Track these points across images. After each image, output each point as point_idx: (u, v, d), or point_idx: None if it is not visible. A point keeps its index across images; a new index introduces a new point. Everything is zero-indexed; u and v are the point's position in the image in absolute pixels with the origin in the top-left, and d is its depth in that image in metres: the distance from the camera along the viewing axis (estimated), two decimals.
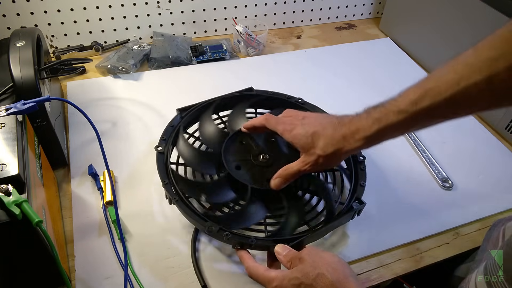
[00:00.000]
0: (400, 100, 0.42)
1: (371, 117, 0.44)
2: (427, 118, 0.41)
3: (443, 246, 0.57)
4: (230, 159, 0.56)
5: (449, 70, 0.38)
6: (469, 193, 0.64)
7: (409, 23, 0.97)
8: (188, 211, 0.50)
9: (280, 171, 0.51)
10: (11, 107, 0.44)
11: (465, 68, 0.37)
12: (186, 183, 0.55)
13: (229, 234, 0.47)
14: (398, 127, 0.43)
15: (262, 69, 0.87)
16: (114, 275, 0.50)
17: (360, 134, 0.45)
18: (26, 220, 0.36)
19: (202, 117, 0.63)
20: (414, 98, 0.40)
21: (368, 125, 0.44)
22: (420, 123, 0.42)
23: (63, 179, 0.61)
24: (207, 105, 0.64)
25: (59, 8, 0.80)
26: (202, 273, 0.51)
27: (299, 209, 0.54)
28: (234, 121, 0.63)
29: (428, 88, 0.39)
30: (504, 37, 0.35)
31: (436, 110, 0.39)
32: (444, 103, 0.38)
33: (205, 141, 0.61)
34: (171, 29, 0.92)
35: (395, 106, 0.42)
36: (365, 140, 0.45)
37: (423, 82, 0.41)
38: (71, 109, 0.72)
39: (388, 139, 0.45)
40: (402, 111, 0.41)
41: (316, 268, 0.41)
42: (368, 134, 0.44)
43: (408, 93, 0.42)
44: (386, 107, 0.43)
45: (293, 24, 1.05)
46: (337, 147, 0.47)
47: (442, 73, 0.39)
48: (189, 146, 0.59)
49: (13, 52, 0.55)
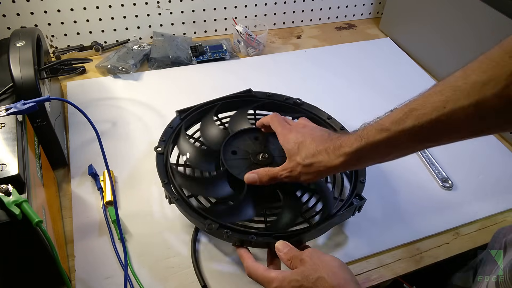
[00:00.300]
0: (384, 119, 0.41)
1: (356, 134, 0.43)
2: (409, 140, 0.39)
3: (443, 246, 0.57)
4: (229, 157, 0.56)
5: (436, 91, 0.37)
6: (469, 193, 0.64)
7: (409, 23, 0.97)
8: (188, 209, 0.50)
9: (260, 169, 0.52)
10: (11, 107, 0.44)
11: (452, 90, 0.35)
12: (184, 178, 0.55)
13: (229, 231, 0.47)
14: (379, 146, 0.41)
15: (262, 69, 0.87)
16: (114, 275, 0.50)
17: (342, 150, 0.44)
18: (26, 220, 0.36)
19: (205, 119, 0.63)
20: (398, 117, 0.39)
21: (350, 142, 0.43)
22: (403, 145, 0.41)
23: (63, 179, 0.61)
24: (208, 108, 0.65)
25: (59, 8, 0.80)
26: (202, 273, 0.51)
27: (295, 204, 0.54)
28: (235, 124, 0.63)
29: (413, 108, 0.38)
30: (494, 60, 0.33)
31: (420, 132, 0.38)
32: (429, 125, 0.37)
33: (206, 142, 0.61)
34: (171, 29, 0.92)
35: (379, 124, 0.41)
36: (346, 157, 0.44)
37: (409, 102, 0.39)
38: (71, 109, 0.72)
39: (369, 162, 0.45)
40: (384, 129, 0.40)
41: (317, 271, 0.41)
42: (348, 151, 0.43)
43: (393, 112, 0.41)
44: (372, 125, 0.42)
45: (293, 24, 1.05)
46: (316, 160, 0.46)
47: (429, 94, 0.38)
48: (190, 144, 0.59)
49: (13, 52, 0.55)
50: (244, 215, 0.52)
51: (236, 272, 0.51)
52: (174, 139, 0.60)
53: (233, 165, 0.55)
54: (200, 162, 0.58)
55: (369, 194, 0.55)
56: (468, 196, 0.64)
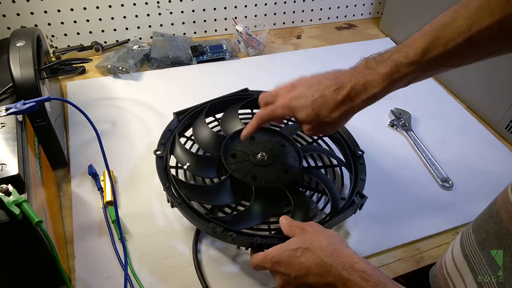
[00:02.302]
0: (409, 51, 0.41)
1: (379, 73, 0.43)
2: (439, 67, 0.40)
3: (443, 246, 0.57)
4: (230, 161, 0.56)
5: (458, 16, 0.37)
6: (469, 193, 0.64)
7: (409, 23, 0.96)
8: (191, 213, 0.50)
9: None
10: (11, 107, 0.44)
11: (476, 12, 0.36)
12: (190, 189, 0.54)
13: (233, 234, 0.47)
14: (408, 78, 0.42)
15: (262, 69, 0.87)
16: (114, 275, 0.50)
17: (369, 91, 0.43)
18: (26, 220, 0.36)
19: (195, 123, 0.62)
20: (426, 47, 0.39)
21: (377, 82, 0.43)
22: (431, 72, 0.41)
23: (63, 179, 0.61)
24: (200, 110, 0.64)
25: (59, 8, 0.80)
26: (203, 275, 0.51)
27: (305, 203, 0.55)
28: (227, 123, 0.63)
29: (439, 35, 0.38)
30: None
31: (449, 57, 0.39)
32: (456, 49, 0.38)
33: (202, 146, 0.61)
34: (171, 29, 0.92)
35: (406, 58, 0.41)
36: (374, 96, 0.44)
37: (430, 30, 0.39)
38: (71, 109, 0.72)
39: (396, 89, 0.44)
40: (414, 62, 0.40)
41: (315, 235, 0.42)
42: (377, 91, 0.43)
43: (417, 43, 0.40)
44: (394, 59, 0.42)
45: (293, 24, 1.05)
46: (344, 110, 0.45)
47: (449, 19, 0.38)
48: (187, 152, 0.58)
49: (13, 52, 0.55)
50: (258, 218, 0.52)
51: (237, 273, 0.51)
52: (171, 147, 0.58)
53: (237, 168, 0.55)
54: (199, 169, 0.57)
55: (369, 194, 0.55)
56: (468, 196, 0.64)
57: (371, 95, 0.43)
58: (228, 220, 0.51)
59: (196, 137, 0.62)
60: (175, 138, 0.59)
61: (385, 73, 0.42)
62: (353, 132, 0.64)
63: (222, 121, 0.64)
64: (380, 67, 0.43)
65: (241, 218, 0.51)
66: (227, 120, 0.64)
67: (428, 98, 0.83)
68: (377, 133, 0.73)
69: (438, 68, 0.41)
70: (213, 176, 0.58)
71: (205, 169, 0.57)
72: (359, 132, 0.67)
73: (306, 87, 0.48)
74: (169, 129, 0.61)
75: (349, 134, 0.63)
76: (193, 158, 0.58)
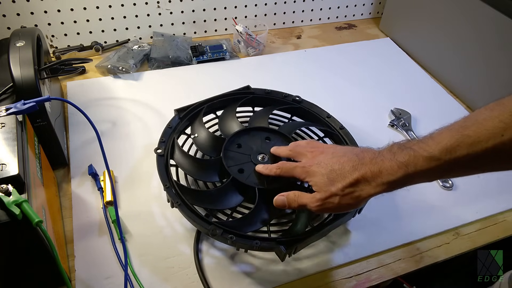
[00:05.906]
0: (432, 145, 0.37)
1: (396, 160, 0.39)
2: (462, 169, 0.36)
3: (443, 246, 0.57)
4: (231, 164, 0.56)
5: (493, 116, 0.33)
6: (469, 193, 0.64)
7: (409, 23, 0.97)
8: (191, 214, 0.49)
9: (290, 194, 0.47)
10: (11, 107, 0.44)
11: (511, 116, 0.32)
12: (193, 194, 0.53)
13: (233, 237, 0.47)
14: (428, 174, 0.38)
15: (262, 69, 0.87)
16: (114, 275, 0.50)
17: (384, 178, 0.40)
18: (26, 220, 0.36)
19: (193, 124, 0.62)
20: (449, 144, 0.35)
21: (393, 169, 0.39)
22: (453, 173, 0.38)
23: (63, 179, 0.61)
24: (199, 111, 0.63)
25: (59, 8, 0.80)
26: (205, 275, 0.50)
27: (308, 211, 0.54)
28: (225, 123, 0.63)
29: (466, 134, 0.34)
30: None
31: (474, 160, 0.34)
32: (484, 154, 0.33)
33: (201, 149, 0.60)
34: (171, 29, 0.92)
35: (426, 151, 0.37)
36: (388, 185, 0.40)
37: (460, 126, 0.36)
38: (71, 109, 0.72)
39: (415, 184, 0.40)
40: (434, 158, 0.36)
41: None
42: (392, 179, 0.39)
43: (442, 137, 0.37)
44: (415, 149, 0.38)
45: (293, 24, 1.05)
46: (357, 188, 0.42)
47: (483, 117, 0.34)
48: (187, 156, 0.57)
49: (13, 52, 0.55)
50: (263, 221, 0.52)
51: (239, 273, 0.51)
52: (171, 147, 0.58)
53: (238, 172, 0.55)
54: (200, 173, 0.57)
55: None
56: (468, 196, 0.64)
57: (385, 181, 0.40)
58: (234, 224, 0.50)
59: (195, 140, 0.61)
60: (174, 141, 0.58)
61: (403, 161, 0.39)
62: (353, 132, 0.63)
63: (220, 121, 0.64)
64: (400, 154, 0.39)
65: (247, 222, 0.51)
66: (225, 121, 0.63)
67: (428, 98, 0.83)
68: (377, 133, 0.73)
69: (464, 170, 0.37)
70: (215, 180, 0.57)
71: (206, 173, 0.57)
72: (359, 132, 0.67)
73: (331, 156, 0.46)
74: (170, 126, 0.61)
75: (349, 135, 0.63)
76: (194, 162, 0.57)
